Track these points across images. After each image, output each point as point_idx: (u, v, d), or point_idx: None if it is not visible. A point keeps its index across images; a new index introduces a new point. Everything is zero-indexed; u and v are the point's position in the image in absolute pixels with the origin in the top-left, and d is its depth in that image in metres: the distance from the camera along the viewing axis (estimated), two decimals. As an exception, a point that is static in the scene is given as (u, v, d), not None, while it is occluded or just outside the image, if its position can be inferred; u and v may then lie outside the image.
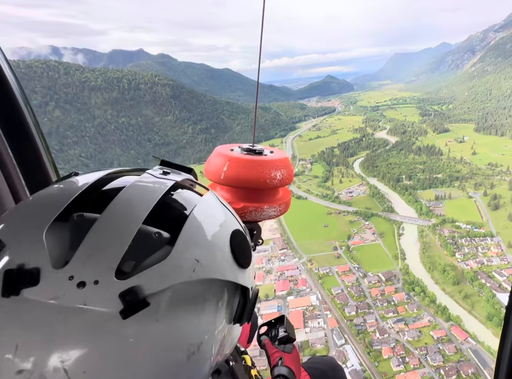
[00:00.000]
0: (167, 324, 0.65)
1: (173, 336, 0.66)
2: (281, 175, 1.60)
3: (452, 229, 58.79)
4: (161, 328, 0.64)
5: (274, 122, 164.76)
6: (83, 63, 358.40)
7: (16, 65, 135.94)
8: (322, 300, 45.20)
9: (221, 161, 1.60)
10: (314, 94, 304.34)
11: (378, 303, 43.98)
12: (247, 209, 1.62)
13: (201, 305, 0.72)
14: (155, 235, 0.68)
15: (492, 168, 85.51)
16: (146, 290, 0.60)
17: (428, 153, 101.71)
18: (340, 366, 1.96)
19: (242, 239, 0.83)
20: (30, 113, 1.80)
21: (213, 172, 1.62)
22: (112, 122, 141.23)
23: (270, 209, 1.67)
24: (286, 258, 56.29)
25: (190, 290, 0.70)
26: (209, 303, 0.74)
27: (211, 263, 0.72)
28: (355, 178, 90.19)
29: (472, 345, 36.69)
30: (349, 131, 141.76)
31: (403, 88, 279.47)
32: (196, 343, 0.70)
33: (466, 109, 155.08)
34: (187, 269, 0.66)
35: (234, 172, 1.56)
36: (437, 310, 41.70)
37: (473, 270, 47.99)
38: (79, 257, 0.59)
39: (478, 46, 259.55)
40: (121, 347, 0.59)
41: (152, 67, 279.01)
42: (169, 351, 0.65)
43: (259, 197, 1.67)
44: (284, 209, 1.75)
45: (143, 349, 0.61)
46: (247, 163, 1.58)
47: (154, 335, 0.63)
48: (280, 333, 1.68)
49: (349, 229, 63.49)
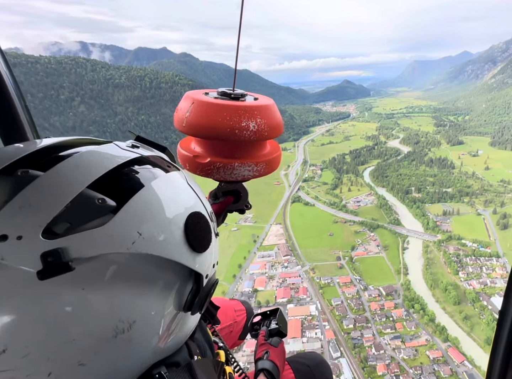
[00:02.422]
0: (94, 295, 0.61)
1: (99, 309, 0.63)
2: (255, 125, 1.36)
3: (458, 246, 58.03)
4: (88, 298, 0.61)
5: (288, 126, 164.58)
6: (110, 60, 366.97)
7: (48, 61, 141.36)
8: (321, 311, 45.37)
9: (186, 105, 1.41)
10: (330, 98, 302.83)
11: (377, 317, 43.89)
12: (214, 165, 1.43)
13: (141, 283, 0.69)
14: (98, 201, 0.64)
15: (504, 185, 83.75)
16: (72, 254, 0.57)
17: (440, 166, 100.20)
18: (326, 362, 1.95)
19: (201, 222, 0.80)
20: (24, 109, 1.76)
21: (177, 118, 1.43)
22: (133, 119, 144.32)
23: (243, 168, 1.46)
24: (289, 265, 56.62)
25: (126, 263, 0.66)
26: (150, 282, 0.71)
27: (156, 240, 0.69)
28: (364, 187, 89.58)
29: (468, 369, 36.34)
30: (362, 138, 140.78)
31: (420, 96, 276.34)
32: (127, 321, 0.66)
33: (483, 122, 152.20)
34: (125, 240, 0.64)
35: (196, 118, 1.36)
36: (436, 330, 41.40)
37: (475, 291, 47.28)
38: (8, 210, 0.56)
39: (500, 57, 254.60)
40: (37, 310, 0.56)
41: (174, 65, 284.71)
42: (94, 325, 0.62)
43: (228, 152, 1.47)
44: (264, 170, 1.53)
45: (62, 318, 0.59)
46: (212, 107, 1.36)
47: (78, 303, 0.60)
48: (272, 325, 1.72)
49: (353, 240, 63.33)
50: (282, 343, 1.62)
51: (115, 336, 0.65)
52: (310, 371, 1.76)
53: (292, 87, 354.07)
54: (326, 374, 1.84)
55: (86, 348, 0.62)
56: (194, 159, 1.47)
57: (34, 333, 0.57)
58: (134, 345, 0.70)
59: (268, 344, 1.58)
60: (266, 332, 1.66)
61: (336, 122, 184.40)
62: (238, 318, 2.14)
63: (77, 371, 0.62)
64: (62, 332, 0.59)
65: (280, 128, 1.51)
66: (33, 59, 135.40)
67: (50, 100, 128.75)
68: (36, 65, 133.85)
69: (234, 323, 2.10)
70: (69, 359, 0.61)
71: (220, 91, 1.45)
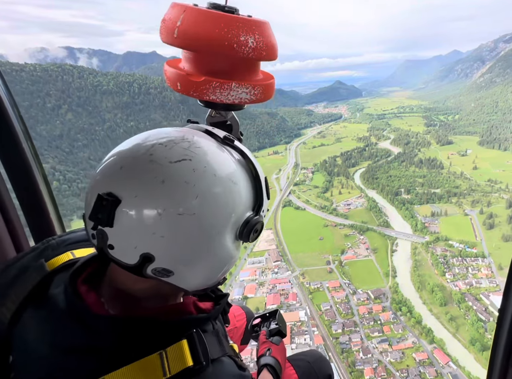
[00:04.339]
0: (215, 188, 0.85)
1: (217, 202, 0.85)
2: (254, 42, 1.28)
3: (445, 247, 58.68)
4: (217, 190, 0.85)
5: (279, 128, 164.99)
6: (97, 66, 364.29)
7: (33, 69, 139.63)
8: (311, 316, 45.85)
9: (176, 13, 1.27)
10: (322, 99, 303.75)
11: (365, 321, 44.39)
12: (210, 85, 1.34)
13: (233, 191, 0.90)
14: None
15: (491, 184, 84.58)
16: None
17: (429, 166, 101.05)
18: (325, 357, 2.02)
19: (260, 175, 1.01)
20: (19, 119, 1.78)
21: (166, 29, 1.29)
22: (122, 125, 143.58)
23: (240, 90, 1.38)
24: (279, 271, 56.96)
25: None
26: (239, 189, 0.92)
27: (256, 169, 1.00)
28: (355, 190, 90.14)
29: (453, 370, 36.92)
30: (353, 139, 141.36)
31: (411, 95, 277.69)
32: (233, 212, 0.88)
33: (472, 121, 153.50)
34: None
35: (190, 28, 1.23)
36: (422, 332, 41.97)
37: (461, 292, 47.90)
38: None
39: (488, 56, 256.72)
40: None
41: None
42: (219, 209, 0.86)
43: (225, 70, 1.38)
44: (261, 95, 1.47)
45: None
46: (208, 17, 1.25)
47: (208, 195, 0.84)
48: (271, 325, 1.80)
49: (343, 243, 63.80)
50: (282, 342, 1.73)
51: (228, 221, 0.89)
52: (310, 366, 1.85)
53: (284, 89, 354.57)
54: (326, 368, 1.93)
55: (213, 226, 0.86)
56: (187, 77, 1.36)
57: (185, 199, 0.81)
58: (230, 235, 0.91)
59: (270, 342, 1.68)
60: (267, 332, 1.75)
61: (328, 123, 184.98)
62: (237, 323, 2.19)
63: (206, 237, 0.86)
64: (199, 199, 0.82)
65: (276, 51, 1.44)
66: (18, 67, 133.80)
67: (36, 108, 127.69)
68: (21, 73, 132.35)
69: (234, 328, 2.14)
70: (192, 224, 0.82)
71: (212, 2, 1.29)
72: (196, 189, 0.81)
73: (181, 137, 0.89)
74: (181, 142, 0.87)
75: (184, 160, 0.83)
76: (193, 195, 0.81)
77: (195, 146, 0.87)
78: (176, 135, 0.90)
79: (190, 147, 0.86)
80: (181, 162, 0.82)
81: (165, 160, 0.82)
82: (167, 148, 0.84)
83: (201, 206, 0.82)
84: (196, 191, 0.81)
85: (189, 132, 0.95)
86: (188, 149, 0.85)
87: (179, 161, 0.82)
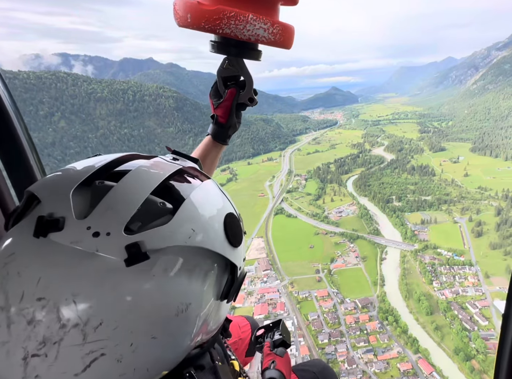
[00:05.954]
0: (162, 280, 0.78)
1: (166, 292, 0.79)
2: None
3: (434, 255, 58.73)
4: (157, 283, 0.77)
5: (274, 135, 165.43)
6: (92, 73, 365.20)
7: (27, 76, 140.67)
8: (298, 326, 45.77)
9: None
10: (318, 105, 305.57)
11: (351, 331, 44.26)
12: (224, 14, 1.18)
13: (193, 271, 0.85)
14: (160, 204, 0.86)
15: (481, 192, 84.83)
16: (147, 246, 0.75)
17: (421, 173, 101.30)
18: (330, 367, 2.01)
19: (234, 221, 0.97)
20: (23, 129, 1.82)
21: None
22: (115, 133, 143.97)
23: (258, 24, 1.22)
24: (268, 280, 56.72)
25: (184, 255, 0.83)
26: (199, 271, 0.86)
27: (205, 235, 0.86)
28: (347, 197, 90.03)
29: (436, 380, 36.96)
30: (347, 146, 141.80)
31: (406, 101, 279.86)
32: (185, 302, 0.82)
33: (465, 128, 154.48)
34: (184, 235, 0.81)
35: None
36: (407, 341, 41.87)
37: (447, 301, 47.90)
38: (97, 213, 0.75)
39: (482, 63, 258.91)
40: (122, 292, 0.73)
41: (160, 76, 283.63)
42: (162, 305, 0.78)
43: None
44: (280, 37, 1.30)
45: (141, 298, 0.75)
46: None
47: (150, 288, 0.76)
48: (275, 336, 1.80)
49: (333, 251, 63.76)
50: (287, 353, 1.70)
51: (177, 315, 0.80)
52: (316, 377, 1.85)
53: (281, 95, 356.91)
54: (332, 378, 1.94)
55: (157, 323, 0.77)
56: (199, 6, 1.21)
57: (120, 309, 0.72)
58: (188, 325, 0.85)
59: (274, 354, 1.65)
60: (271, 343, 1.74)
61: (323, 130, 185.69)
62: (243, 335, 2.22)
63: (150, 343, 0.76)
64: (141, 309, 0.74)
65: None
66: (11, 74, 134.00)
67: (29, 116, 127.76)
68: (14, 81, 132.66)
69: (239, 340, 2.16)
70: (145, 333, 0.76)
71: None
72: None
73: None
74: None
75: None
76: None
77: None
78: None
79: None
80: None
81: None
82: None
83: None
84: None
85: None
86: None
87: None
